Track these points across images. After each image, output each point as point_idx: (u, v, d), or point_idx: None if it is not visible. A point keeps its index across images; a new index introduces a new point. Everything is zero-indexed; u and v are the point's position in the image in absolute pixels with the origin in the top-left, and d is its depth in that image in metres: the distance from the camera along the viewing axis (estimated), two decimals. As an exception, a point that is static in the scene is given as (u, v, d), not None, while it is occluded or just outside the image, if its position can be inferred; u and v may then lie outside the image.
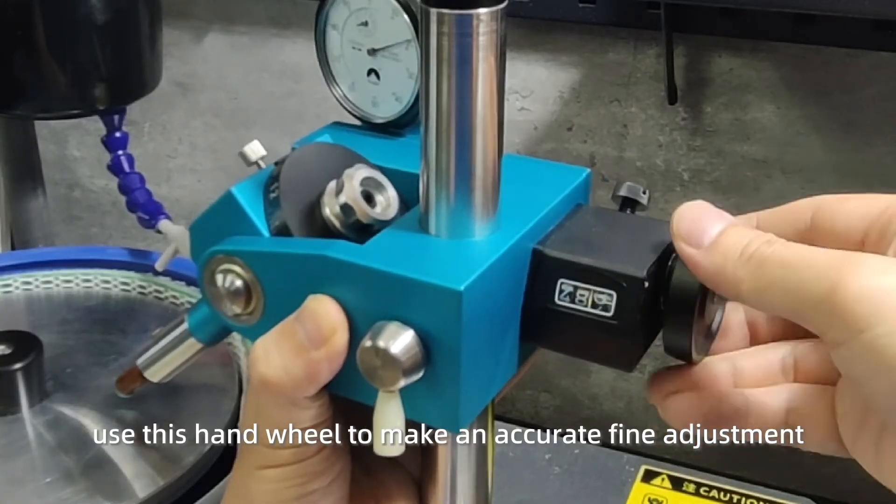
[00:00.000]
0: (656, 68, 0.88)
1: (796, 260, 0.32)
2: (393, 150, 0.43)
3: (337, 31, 0.44)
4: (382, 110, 0.44)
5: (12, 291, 0.79)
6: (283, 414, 0.36)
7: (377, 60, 0.43)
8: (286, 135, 1.05)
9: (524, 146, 0.95)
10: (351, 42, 0.44)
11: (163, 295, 0.78)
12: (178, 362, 0.47)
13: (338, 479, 0.39)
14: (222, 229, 0.39)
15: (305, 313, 0.35)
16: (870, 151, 0.84)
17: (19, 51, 0.70)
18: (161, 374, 0.49)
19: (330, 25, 0.44)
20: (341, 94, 0.45)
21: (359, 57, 0.44)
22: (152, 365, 0.48)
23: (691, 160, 0.90)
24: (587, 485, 0.77)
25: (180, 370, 0.48)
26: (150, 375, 0.49)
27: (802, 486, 0.77)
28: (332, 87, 0.45)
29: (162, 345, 0.47)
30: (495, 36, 0.34)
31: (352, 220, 0.38)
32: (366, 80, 0.44)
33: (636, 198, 0.41)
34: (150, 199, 0.78)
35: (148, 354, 0.48)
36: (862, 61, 0.82)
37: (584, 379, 1.01)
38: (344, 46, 0.44)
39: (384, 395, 0.34)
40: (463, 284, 0.33)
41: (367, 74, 0.44)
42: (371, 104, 0.44)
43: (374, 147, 0.42)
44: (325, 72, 0.45)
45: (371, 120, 0.44)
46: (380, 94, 0.44)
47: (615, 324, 0.36)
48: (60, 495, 0.58)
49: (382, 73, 0.43)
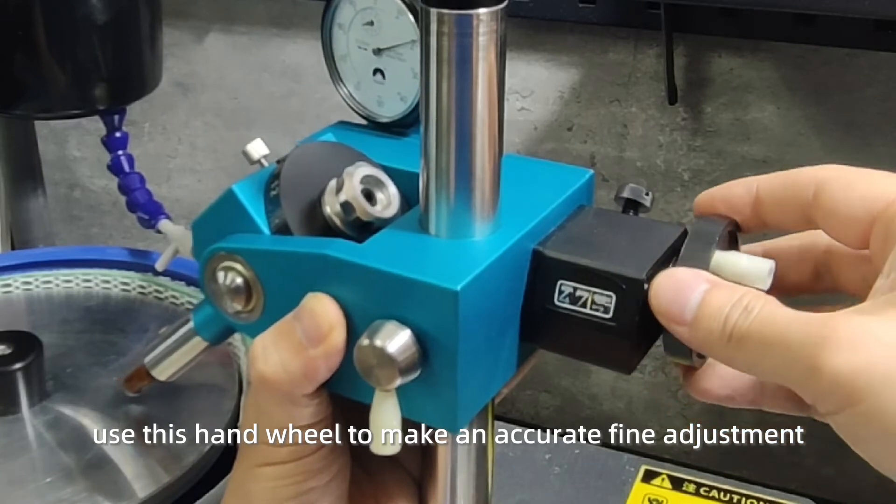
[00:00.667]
0: (656, 68, 0.88)
1: (773, 337, 0.32)
2: (397, 149, 0.43)
3: (343, 31, 0.44)
4: (387, 110, 0.44)
5: (12, 291, 0.79)
6: (282, 412, 0.36)
7: (382, 60, 0.43)
8: (286, 135, 1.05)
9: (524, 146, 0.95)
10: (357, 41, 0.44)
11: (163, 295, 0.78)
12: (184, 361, 0.48)
13: (336, 478, 0.39)
14: (224, 227, 0.39)
15: (303, 311, 0.35)
16: (870, 151, 0.84)
17: (19, 51, 0.70)
18: (168, 373, 0.49)
19: (336, 25, 0.44)
20: (347, 93, 0.45)
21: (364, 56, 0.44)
22: (159, 364, 0.49)
23: (691, 160, 0.90)
24: (587, 485, 0.77)
25: (186, 369, 0.49)
26: (156, 374, 0.49)
27: (802, 487, 0.77)
28: (337, 86, 0.45)
29: (168, 343, 0.48)
30: (495, 36, 0.34)
31: (352, 218, 0.38)
32: (371, 79, 0.44)
33: (639, 199, 0.41)
34: (150, 199, 0.78)
35: (154, 353, 0.49)
36: (862, 61, 0.82)
37: (584, 379, 1.01)
38: (350, 46, 0.44)
39: (381, 394, 0.34)
40: (460, 284, 0.33)
41: (373, 74, 0.44)
42: (376, 104, 0.44)
43: (379, 146, 0.43)
44: (331, 71, 0.45)
45: (376, 119, 0.45)
46: (385, 93, 0.44)
47: (614, 325, 0.35)
48: (60, 495, 0.58)
49: (388, 73, 0.43)
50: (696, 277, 0.34)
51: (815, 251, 0.40)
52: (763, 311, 0.32)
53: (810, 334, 0.31)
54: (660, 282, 0.35)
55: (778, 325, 0.32)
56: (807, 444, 0.32)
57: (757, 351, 0.32)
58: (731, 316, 0.33)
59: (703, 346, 0.34)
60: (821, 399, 0.31)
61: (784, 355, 0.31)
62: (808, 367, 0.30)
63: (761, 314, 0.32)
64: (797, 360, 0.31)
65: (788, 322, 0.32)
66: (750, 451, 0.91)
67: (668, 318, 0.34)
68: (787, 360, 0.31)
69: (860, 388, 0.29)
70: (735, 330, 0.32)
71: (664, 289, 0.34)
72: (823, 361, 0.30)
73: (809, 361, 0.30)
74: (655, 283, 0.35)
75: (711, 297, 0.34)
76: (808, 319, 0.31)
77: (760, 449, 0.91)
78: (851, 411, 0.30)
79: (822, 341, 0.30)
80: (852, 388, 0.30)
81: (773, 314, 0.32)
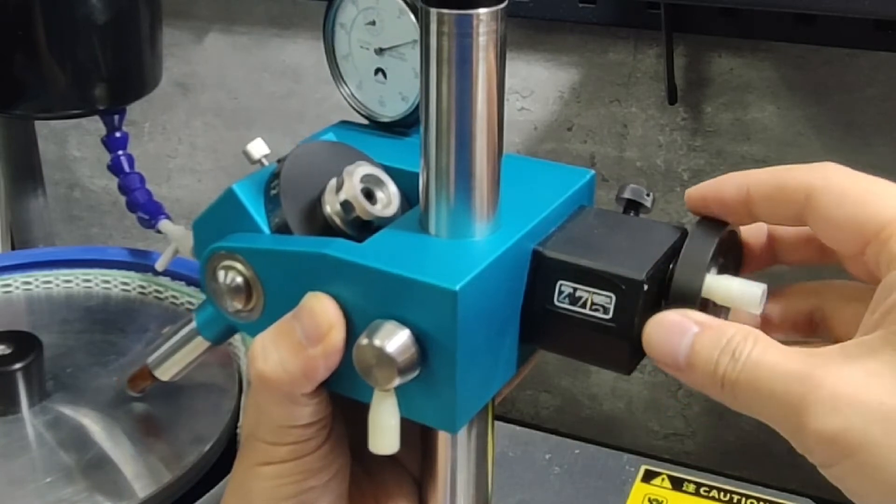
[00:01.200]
0: (656, 68, 0.88)
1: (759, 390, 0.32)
2: (399, 149, 0.43)
3: (345, 31, 0.44)
4: (389, 109, 0.44)
5: (12, 291, 0.79)
6: (281, 411, 0.36)
7: (384, 60, 0.43)
8: (286, 135, 1.05)
9: (524, 146, 0.95)
10: (359, 41, 0.44)
11: (163, 295, 0.78)
12: (187, 361, 0.48)
13: (336, 478, 0.39)
14: (224, 226, 0.39)
15: (303, 311, 0.36)
16: (870, 151, 0.84)
17: (19, 51, 0.70)
18: (170, 373, 0.49)
19: (338, 24, 0.44)
20: (349, 92, 0.45)
21: (366, 56, 0.44)
22: (162, 364, 0.49)
23: (691, 160, 0.90)
24: (587, 485, 0.77)
25: (189, 369, 0.49)
26: (159, 374, 0.50)
27: (802, 487, 0.77)
28: (339, 86, 0.45)
29: (170, 344, 0.48)
30: (495, 36, 0.34)
31: (352, 217, 0.38)
32: (373, 79, 0.44)
33: (640, 200, 0.40)
34: (150, 199, 0.78)
35: (157, 353, 0.49)
36: (862, 61, 0.82)
37: (584, 379, 1.01)
38: (352, 45, 0.44)
39: (380, 393, 0.34)
40: (458, 284, 0.33)
41: (375, 74, 0.44)
42: (378, 103, 0.44)
43: (380, 146, 0.43)
44: (332, 71, 0.45)
45: (378, 119, 0.45)
46: (387, 93, 0.44)
47: (613, 326, 0.35)
48: (60, 495, 0.58)
49: (389, 73, 0.43)
50: (684, 320, 0.34)
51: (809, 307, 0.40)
52: (750, 359, 0.32)
53: (792, 394, 0.31)
54: (651, 328, 0.35)
55: (763, 377, 0.32)
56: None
57: (748, 400, 0.32)
58: (721, 363, 0.33)
59: (701, 389, 0.34)
60: (810, 454, 0.31)
61: (772, 409, 0.32)
62: (794, 426, 0.31)
63: (748, 363, 0.32)
64: (784, 416, 0.31)
65: (773, 375, 0.32)
66: (750, 451, 0.91)
67: (663, 364, 0.35)
68: (776, 414, 0.32)
69: (844, 448, 0.30)
70: (725, 379, 0.33)
71: (655, 335, 0.35)
72: (807, 423, 0.31)
73: (795, 421, 0.31)
74: (647, 329, 0.35)
75: (700, 343, 0.34)
76: (790, 372, 0.31)
77: (760, 449, 0.91)
78: (839, 467, 0.31)
79: (804, 403, 0.31)
80: (836, 448, 0.30)
81: (759, 364, 0.32)
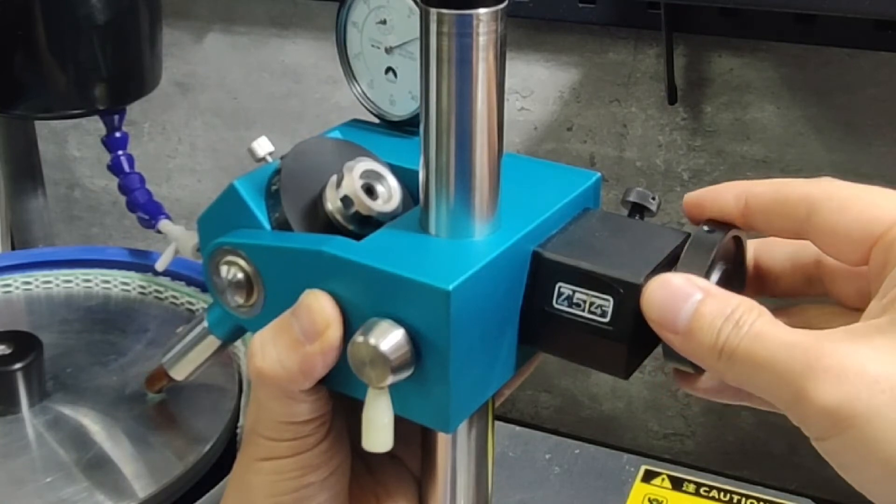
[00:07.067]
0: (656, 68, 0.88)
1: (761, 359, 0.31)
2: (406, 148, 0.43)
3: (357, 29, 0.44)
4: (399, 108, 0.44)
5: (12, 291, 0.79)
6: (280, 407, 0.37)
7: (394, 58, 0.43)
8: (286, 135, 1.05)
9: (524, 146, 0.95)
10: (370, 40, 0.44)
11: (163, 295, 0.78)
12: (200, 360, 0.49)
13: (335, 474, 0.39)
14: (227, 222, 0.39)
15: (300, 308, 0.36)
16: (870, 151, 0.84)
17: (19, 51, 0.70)
18: (185, 372, 0.50)
19: (350, 23, 0.44)
20: (360, 91, 0.45)
21: (377, 55, 0.44)
22: (176, 363, 0.50)
23: (691, 160, 0.90)
24: (587, 485, 0.77)
25: (203, 368, 0.49)
26: (174, 374, 0.50)
27: (802, 487, 0.77)
28: (351, 85, 0.45)
29: (184, 343, 0.49)
30: (495, 36, 0.34)
31: (352, 213, 0.38)
32: (384, 77, 0.44)
33: (645, 204, 0.40)
34: (150, 199, 0.78)
35: (171, 353, 0.50)
36: (862, 61, 0.82)
37: (584, 379, 1.01)
38: (364, 44, 0.44)
39: (373, 391, 0.34)
40: (452, 284, 0.33)
41: (385, 73, 0.44)
42: (389, 102, 0.44)
43: (389, 145, 0.43)
44: (345, 69, 0.45)
45: (388, 118, 0.45)
46: (397, 91, 0.44)
47: (611, 329, 0.35)
48: (61, 495, 0.58)
49: (399, 71, 0.44)
50: (689, 285, 0.34)
51: (806, 261, 0.39)
52: (753, 329, 0.32)
53: (796, 361, 0.31)
54: (653, 288, 0.34)
55: (766, 346, 0.31)
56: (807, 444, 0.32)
57: (745, 370, 0.32)
58: (723, 330, 0.32)
59: (695, 356, 0.34)
60: (806, 425, 0.31)
61: (771, 378, 0.31)
62: (793, 395, 0.30)
63: (751, 332, 0.32)
64: (783, 385, 0.31)
65: (777, 345, 0.31)
66: (750, 451, 0.91)
67: (660, 325, 0.34)
68: (774, 383, 0.31)
69: (844, 419, 0.30)
70: (726, 346, 0.32)
71: (657, 296, 0.34)
72: (808, 391, 0.30)
73: (795, 389, 0.30)
74: (648, 289, 0.34)
75: (704, 307, 0.33)
76: (796, 343, 0.31)
77: (760, 449, 0.91)
78: (836, 440, 0.30)
79: (808, 370, 0.30)
80: (836, 419, 0.30)
81: (763, 334, 0.32)
